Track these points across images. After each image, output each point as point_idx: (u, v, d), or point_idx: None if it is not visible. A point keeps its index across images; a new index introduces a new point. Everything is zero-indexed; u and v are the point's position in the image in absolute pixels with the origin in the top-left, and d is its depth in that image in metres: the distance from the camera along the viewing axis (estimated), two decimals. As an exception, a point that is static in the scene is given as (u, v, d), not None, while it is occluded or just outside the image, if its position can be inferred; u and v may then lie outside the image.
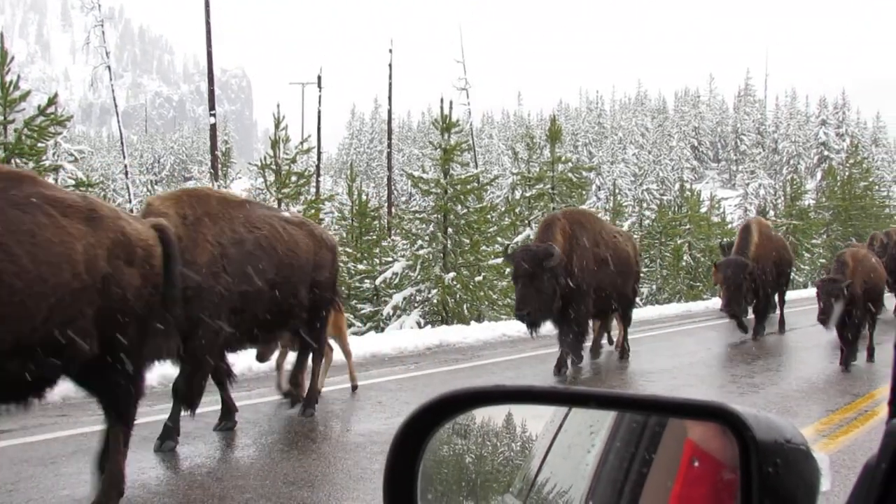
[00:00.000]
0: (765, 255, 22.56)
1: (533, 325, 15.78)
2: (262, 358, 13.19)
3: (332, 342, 14.11)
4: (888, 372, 12.08)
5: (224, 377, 11.54)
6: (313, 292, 12.01)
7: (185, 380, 10.44)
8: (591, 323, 18.02)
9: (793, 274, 45.18)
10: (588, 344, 17.93)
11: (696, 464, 1.78)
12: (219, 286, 10.25)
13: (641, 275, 24.39)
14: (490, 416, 2.29)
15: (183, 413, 10.42)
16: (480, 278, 27.44)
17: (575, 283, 16.00)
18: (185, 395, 10.39)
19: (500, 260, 29.38)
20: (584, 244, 16.43)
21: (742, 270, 21.11)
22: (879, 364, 18.16)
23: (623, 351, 18.67)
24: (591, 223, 17.30)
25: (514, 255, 15.72)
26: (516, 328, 22.67)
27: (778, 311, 24.69)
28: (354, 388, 14.32)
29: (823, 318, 16.93)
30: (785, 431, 1.51)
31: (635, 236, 42.85)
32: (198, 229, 10.29)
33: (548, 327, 16.85)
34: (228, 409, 11.44)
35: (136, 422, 8.26)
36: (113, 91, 43.76)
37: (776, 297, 24.65)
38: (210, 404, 11.52)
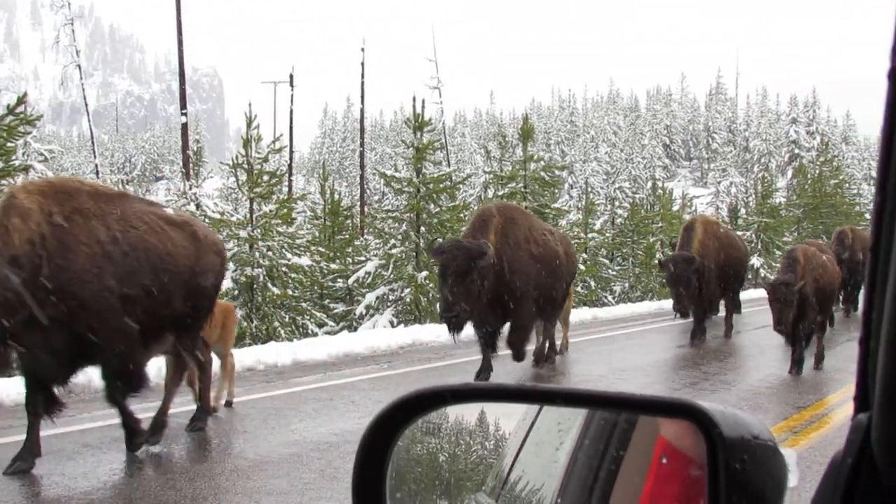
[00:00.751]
0: (709, 254, 21.31)
1: (458, 327, 14.73)
2: None
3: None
4: (838, 377, 12.07)
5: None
6: (193, 301, 10.73)
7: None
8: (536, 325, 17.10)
9: (765, 272, 45.52)
10: (531, 347, 16.81)
11: (665, 461, 1.79)
12: (105, 289, 9.35)
13: (577, 275, 23.64)
14: (463, 414, 2.30)
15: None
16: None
17: (509, 283, 15.07)
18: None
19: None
20: (516, 242, 15.47)
21: (689, 266, 20.19)
22: (830, 370, 17.22)
23: (550, 354, 17.74)
24: (523, 220, 16.24)
25: (442, 250, 14.47)
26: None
27: (724, 314, 23.35)
28: (229, 403, 12.90)
29: (780, 328, 15.89)
30: (752, 428, 1.52)
31: (607, 234, 43.17)
32: (68, 230, 9.25)
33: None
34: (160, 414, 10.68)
35: (108, 423, 8.30)
36: (83, 90, 43.58)
37: (725, 300, 23.36)
38: (184, 404, 11.48)
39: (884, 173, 1.21)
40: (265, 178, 26.36)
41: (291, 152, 51.41)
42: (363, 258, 28.83)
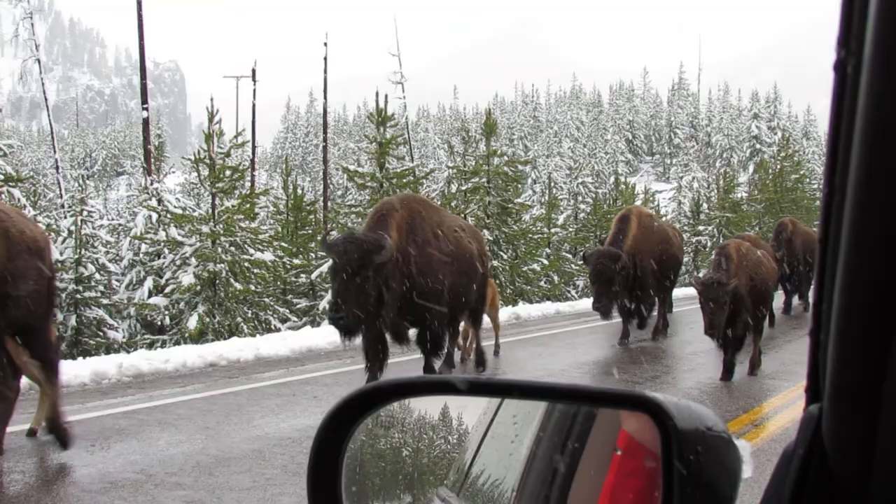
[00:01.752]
0: (645, 250, 19.88)
1: (349, 332, 12.52)
2: None
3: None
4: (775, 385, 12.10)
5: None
6: (12, 308, 9.44)
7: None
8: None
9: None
10: (445, 352, 15.05)
11: (619, 453, 1.80)
12: None
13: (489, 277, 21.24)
14: (427, 408, 2.30)
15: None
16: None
17: (418, 284, 13.30)
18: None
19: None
20: (424, 239, 13.74)
21: (613, 263, 18.70)
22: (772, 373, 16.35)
23: (480, 358, 16.20)
24: (432, 214, 14.44)
25: (334, 244, 12.63)
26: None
27: (655, 314, 21.38)
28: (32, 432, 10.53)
29: (712, 332, 14.58)
30: (706, 419, 1.53)
31: (570, 228, 43.29)
32: None
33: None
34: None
35: (71, 419, 8.27)
36: (43, 84, 43.18)
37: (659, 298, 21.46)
38: (144, 401, 11.43)
39: (831, 166, 1.23)
40: (227, 173, 26.27)
41: (254, 147, 51.25)
42: (325, 254, 28.77)
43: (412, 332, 14.23)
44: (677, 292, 26.45)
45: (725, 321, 14.70)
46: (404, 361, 15.39)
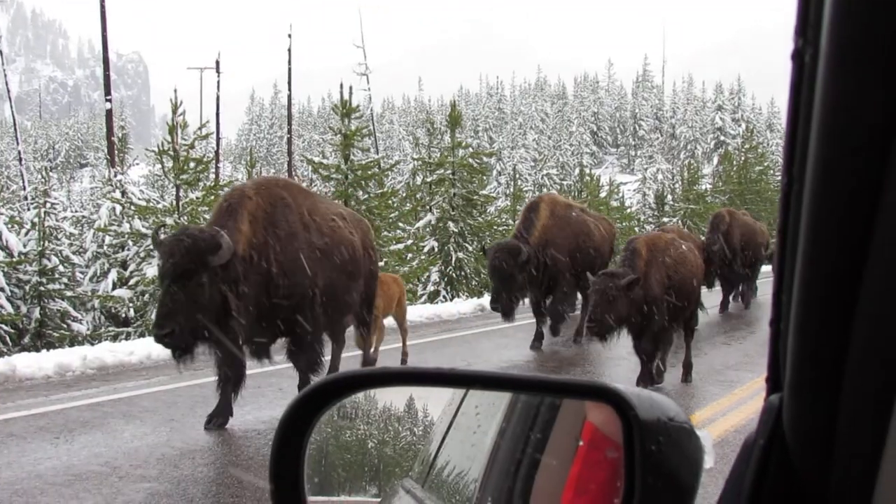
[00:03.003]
0: (559, 242, 17.97)
1: (181, 350, 10.44)
2: None
3: None
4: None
5: None
6: None
7: None
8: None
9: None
10: (323, 366, 12.55)
11: (581, 443, 1.80)
12: None
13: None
14: (392, 400, 2.30)
15: None
16: (382, 264, 27.40)
17: (281, 287, 11.15)
18: None
19: (401, 245, 29.39)
20: (289, 232, 11.52)
21: (513, 258, 16.86)
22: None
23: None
24: (300, 200, 12.22)
25: (161, 244, 10.57)
26: (423, 314, 22.71)
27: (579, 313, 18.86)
28: None
29: (592, 325, 12.66)
30: (668, 409, 1.54)
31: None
32: None
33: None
34: None
35: (32, 412, 8.25)
36: (5, 76, 42.85)
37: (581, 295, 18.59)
38: (108, 393, 11.37)
39: (789, 156, 1.23)
40: (192, 164, 26.13)
41: (218, 139, 51.01)
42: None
43: (284, 345, 12.09)
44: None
45: (638, 327, 13.21)
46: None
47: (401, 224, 30.38)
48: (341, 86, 29.87)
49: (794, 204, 1.21)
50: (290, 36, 49.32)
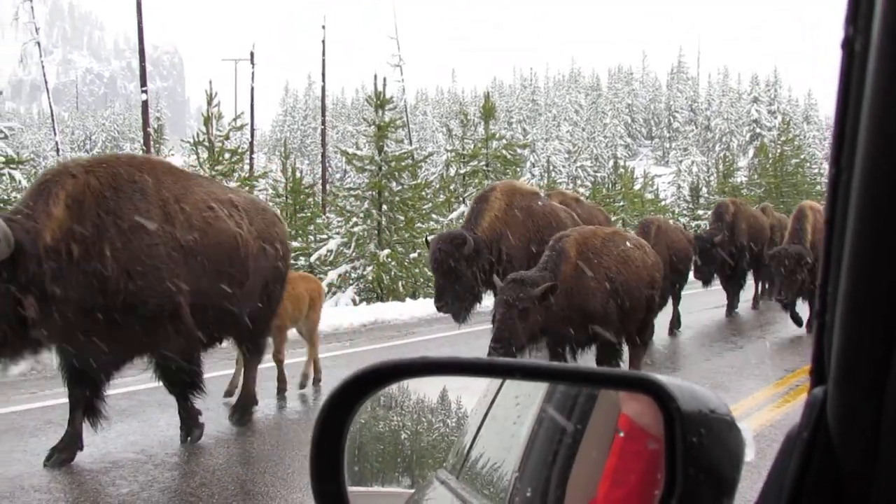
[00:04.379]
0: (516, 234, 15.56)
1: None
2: None
3: None
4: None
5: None
6: None
7: None
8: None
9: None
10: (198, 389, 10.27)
11: (622, 434, 1.80)
12: None
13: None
14: (425, 392, 2.30)
15: None
16: (415, 255, 27.43)
17: (119, 292, 8.70)
18: None
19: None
20: (132, 222, 9.01)
21: (456, 250, 14.52)
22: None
23: (240, 409, 10.97)
24: (163, 184, 9.68)
25: None
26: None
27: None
28: None
29: (497, 346, 10.38)
30: (709, 402, 1.53)
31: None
32: None
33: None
34: None
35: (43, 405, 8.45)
36: (43, 67, 43.15)
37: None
38: (144, 381, 11.42)
39: (838, 145, 1.22)
40: (226, 155, 26.27)
41: (252, 130, 51.17)
42: (325, 236, 28.79)
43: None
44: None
45: (568, 341, 11.44)
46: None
47: (434, 216, 30.35)
48: (375, 77, 29.88)
49: (842, 194, 1.20)
50: (323, 27, 49.35)
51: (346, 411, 1.82)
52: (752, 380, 13.83)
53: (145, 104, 36.82)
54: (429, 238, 16.26)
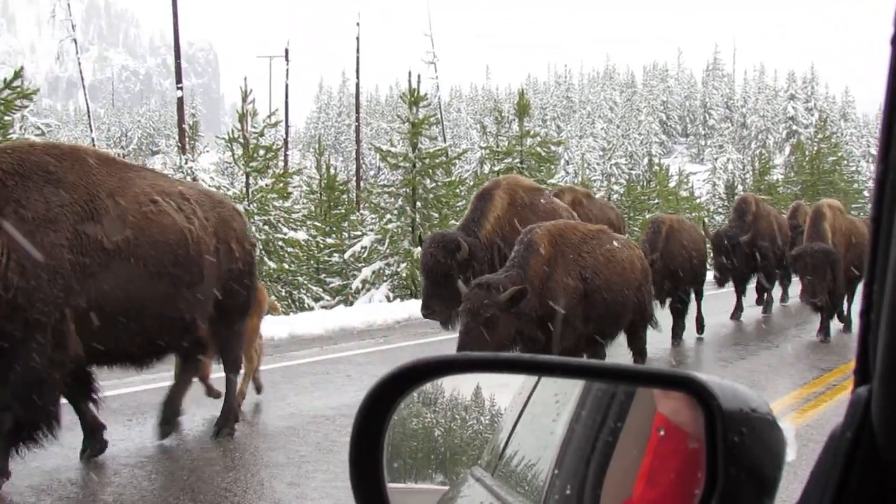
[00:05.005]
0: (514, 238, 12.13)
1: None
2: None
3: None
4: None
5: None
6: None
7: None
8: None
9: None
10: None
11: (662, 433, 1.79)
12: None
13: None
14: (459, 389, 2.30)
15: None
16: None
17: (18, 296, 7.58)
18: None
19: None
20: (42, 216, 7.95)
21: (448, 254, 13.32)
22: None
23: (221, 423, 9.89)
24: (92, 176, 8.55)
25: None
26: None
27: None
28: None
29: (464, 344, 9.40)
30: (751, 401, 1.52)
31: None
32: None
33: None
34: None
35: (107, 394, 8.55)
36: (79, 64, 43.36)
37: None
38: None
39: (886, 143, 1.20)
40: (261, 152, 26.36)
41: (287, 127, 51.38)
42: (359, 233, 28.87)
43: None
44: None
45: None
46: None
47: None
48: (409, 74, 29.90)
49: (889, 191, 1.18)
50: (358, 24, 49.49)
51: (385, 409, 1.82)
52: (787, 379, 13.77)
53: (180, 101, 37.05)
54: (422, 236, 15.32)
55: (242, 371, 10.74)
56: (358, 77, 50.40)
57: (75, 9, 43.30)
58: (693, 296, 17.98)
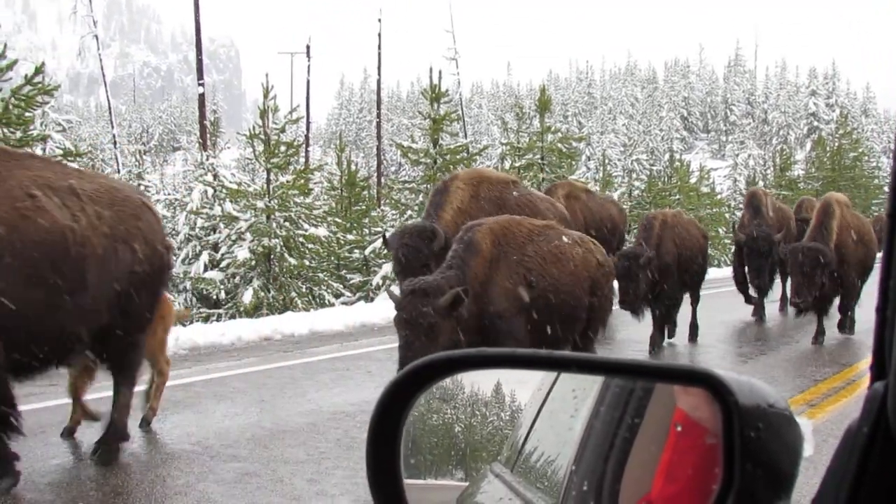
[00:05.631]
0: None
1: None
2: None
3: None
4: None
5: None
6: None
7: None
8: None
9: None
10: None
11: (680, 429, 1.79)
12: None
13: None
14: (479, 385, 2.30)
15: None
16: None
17: None
18: None
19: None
20: None
21: (425, 243, 12.63)
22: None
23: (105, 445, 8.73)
24: None
25: None
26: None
27: None
28: None
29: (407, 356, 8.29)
30: (768, 396, 1.52)
31: (625, 206, 43.11)
32: None
33: None
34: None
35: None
36: (101, 60, 43.49)
37: None
38: (200, 373, 11.52)
39: (903, 139, 1.20)
40: (282, 148, 26.37)
41: (308, 123, 51.43)
42: (380, 229, 28.87)
43: None
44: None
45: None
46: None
47: (489, 209, 30.38)
48: (430, 70, 29.90)
49: (905, 187, 1.18)
50: (379, 20, 49.44)
51: (402, 405, 1.83)
52: (805, 375, 13.72)
53: (202, 97, 37.14)
54: (387, 234, 14.29)
55: (147, 387, 9.98)
56: (379, 73, 50.38)
57: (96, 4, 43.39)
58: (689, 297, 16.96)
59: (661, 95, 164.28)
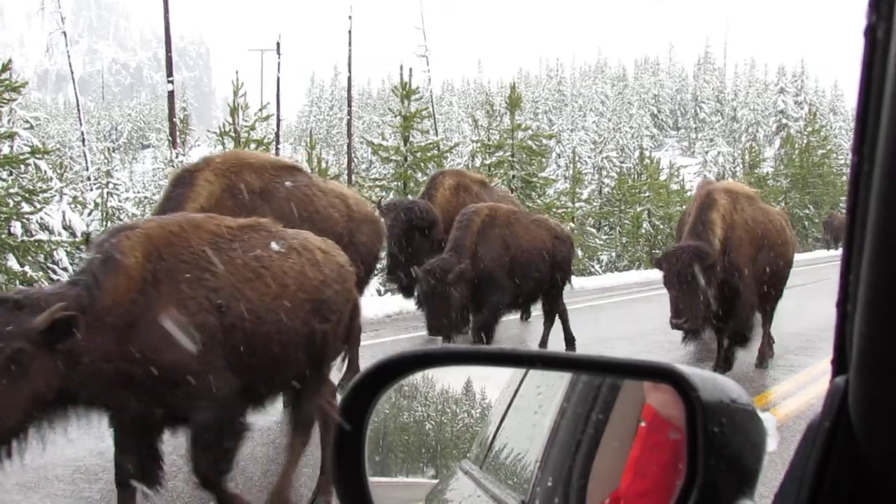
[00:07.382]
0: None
1: None
2: None
3: None
4: None
5: None
6: None
7: None
8: None
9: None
10: None
11: (643, 424, 1.79)
12: None
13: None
14: (450, 382, 2.30)
15: None
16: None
17: None
18: None
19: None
20: None
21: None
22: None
23: None
24: None
25: None
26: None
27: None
28: None
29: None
30: (731, 392, 1.52)
31: (595, 203, 43.23)
32: None
33: None
34: None
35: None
36: (69, 57, 43.28)
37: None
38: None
39: (860, 134, 1.21)
40: (252, 146, 26.30)
41: (279, 120, 51.15)
42: (350, 227, 28.83)
43: None
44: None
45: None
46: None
47: (459, 206, 30.40)
48: (401, 68, 29.89)
49: (864, 183, 1.19)
50: (350, 18, 49.34)
51: (367, 400, 1.83)
52: (776, 370, 13.77)
53: (171, 95, 36.96)
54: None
55: None
56: (350, 71, 50.28)
57: (65, 1, 43.17)
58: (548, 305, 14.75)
59: (632, 93, 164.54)
